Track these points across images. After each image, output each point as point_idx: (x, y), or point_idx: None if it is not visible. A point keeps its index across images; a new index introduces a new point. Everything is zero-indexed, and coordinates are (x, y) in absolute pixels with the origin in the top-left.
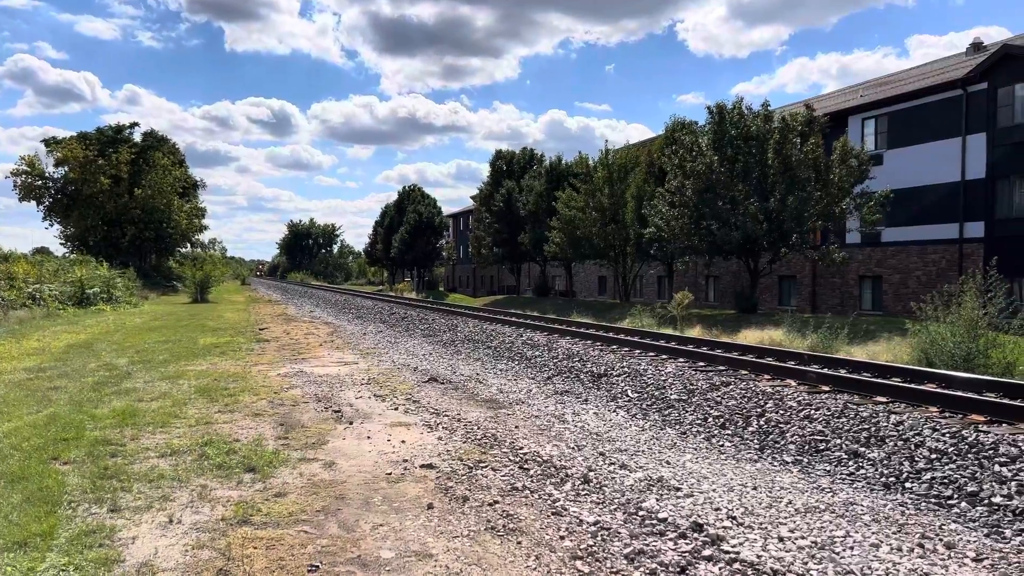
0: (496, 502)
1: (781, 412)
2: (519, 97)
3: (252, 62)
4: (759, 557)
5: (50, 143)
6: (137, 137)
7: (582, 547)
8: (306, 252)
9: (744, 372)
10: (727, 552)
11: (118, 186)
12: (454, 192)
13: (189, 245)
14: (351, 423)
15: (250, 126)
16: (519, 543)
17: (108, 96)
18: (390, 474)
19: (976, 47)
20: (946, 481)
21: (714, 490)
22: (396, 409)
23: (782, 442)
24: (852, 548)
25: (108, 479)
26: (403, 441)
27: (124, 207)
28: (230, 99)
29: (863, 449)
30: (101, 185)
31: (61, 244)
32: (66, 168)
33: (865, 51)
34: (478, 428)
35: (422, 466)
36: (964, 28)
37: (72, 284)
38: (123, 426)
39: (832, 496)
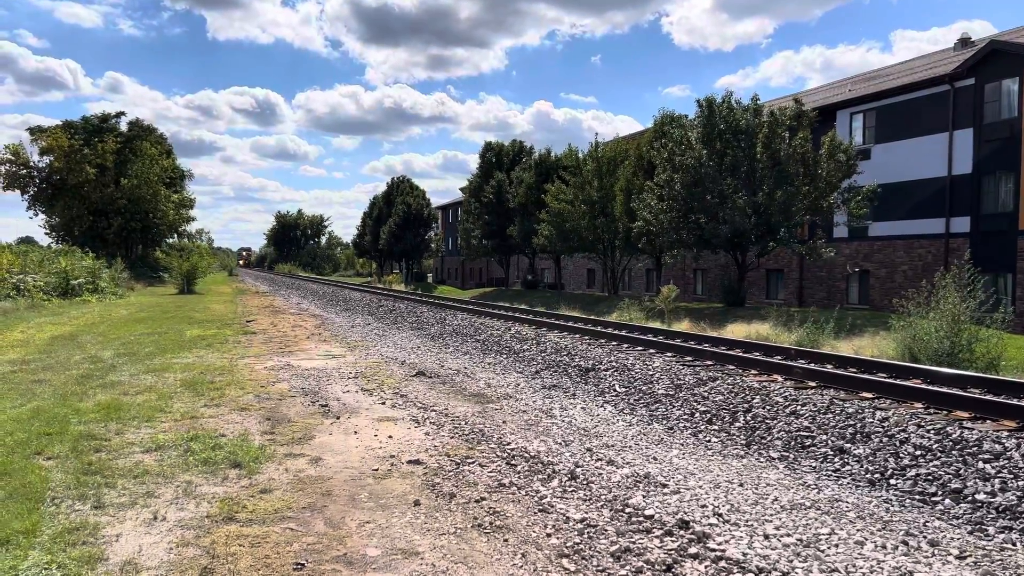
0: (483, 499)
1: (768, 408)
2: (506, 88)
3: (235, 51)
4: (745, 555)
5: (35, 132)
6: (123, 127)
7: (568, 545)
8: (294, 243)
9: (731, 367)
10: (713, 550)
11: (104, 176)
12: (441, 183)
13: (176, 236)
14: (338, 418)
15: (234, 115)
16: (506, 541)
17: (90, 84)
18: (377, 470)
19: (964, 42)
20: (930, 478)
21: (700, 487)
22: (383, 404)
23: (768, 438)
24: (837, 546)
25: (92, 475)
26: (390, 436)
27: (110, 197)
28: (213, 88)
29: (849, 445)
30: (87, 175)
31: (46, 234)
32: (51, 157)
33: (849, 45)
34: (465, 423)
35: (409, 462)
36: (947, 23)
37: (57, 275)
38: (108, 420)
39: (818, 493)
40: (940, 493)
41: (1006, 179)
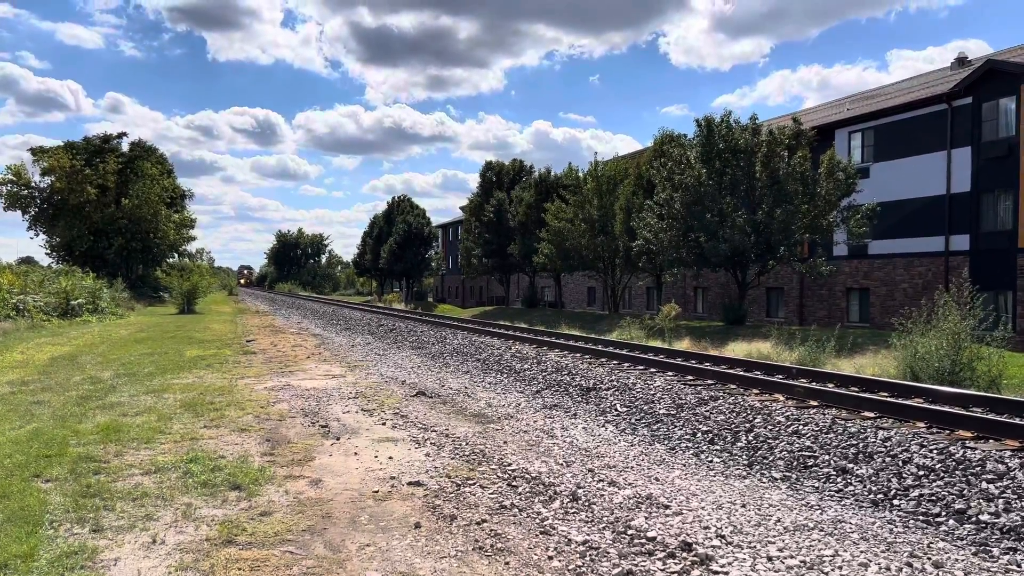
0: (484, 521)
1: (770, 427)
2: (504, 108)
3: (235, 71)
4: None
5: (37, 152)
6: (125, 147)
7: (571, 567)
8: (294, 262)
9: (733, 386)
10: (716, 572)
11: (105, 196)
12: (441, 202)
13: (177, 255)
14: (338, 439)
15: (235, 135)
16: (507, 564)
17: (91, 105)
18: (377, 492)
19: (961, 62)
20: (934, 498)
21: (703, 507)
22: (384, 424)
23: (771, 458)
24: (841, 567)
25: (91, 497)
26: (390, 457)
27: (111, 217)
28: (213, 108)
29: (851, 465)
30: (87, 195)
31: (47, 254)
32: (52, 177)
33: (846, 64)
34: (466, 444)
35: (410, 483)
36: (943, 43)
37: (57, 295)
38: (107, 442)
39: (821, 513)
40: (944, 514)
41: (1005, 197)
